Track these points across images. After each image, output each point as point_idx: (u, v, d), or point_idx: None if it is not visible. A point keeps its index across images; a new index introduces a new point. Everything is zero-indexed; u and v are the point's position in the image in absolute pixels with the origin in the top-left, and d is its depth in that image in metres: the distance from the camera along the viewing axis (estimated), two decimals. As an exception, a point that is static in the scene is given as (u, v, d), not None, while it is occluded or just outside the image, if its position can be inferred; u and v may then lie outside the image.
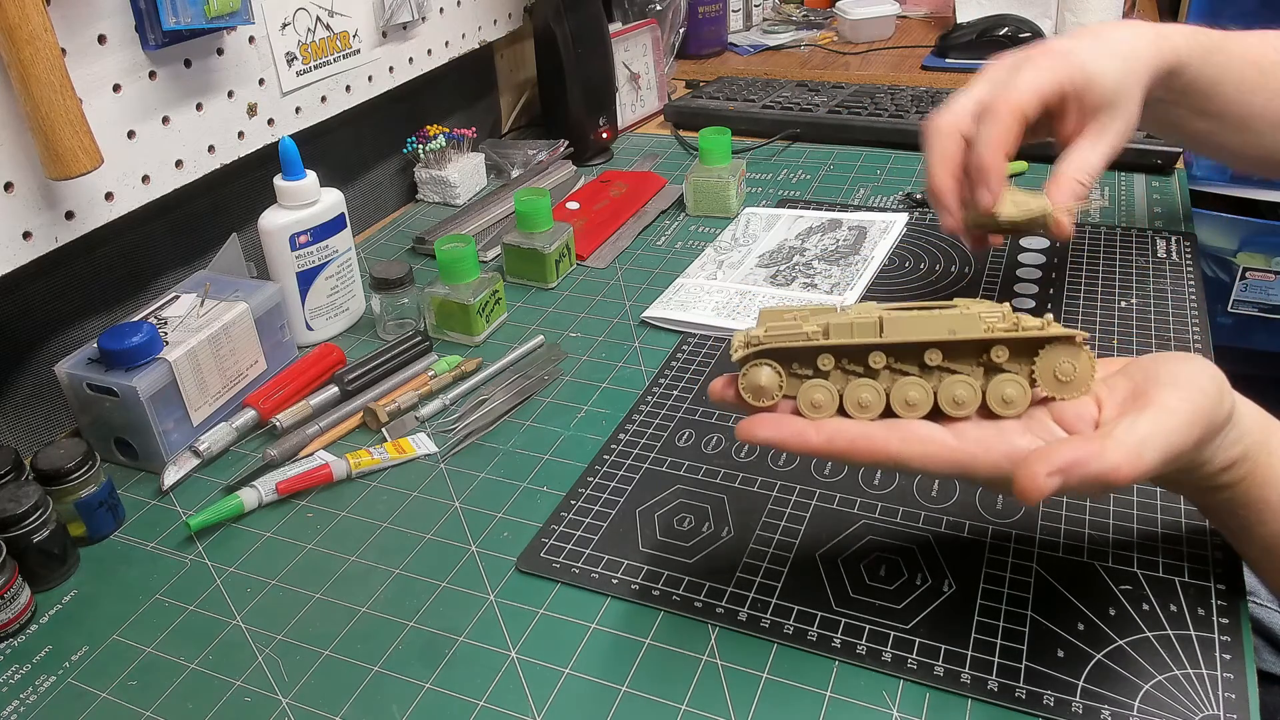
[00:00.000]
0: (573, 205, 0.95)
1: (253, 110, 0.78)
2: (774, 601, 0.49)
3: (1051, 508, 0.54)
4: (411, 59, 0.97)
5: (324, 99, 0.86)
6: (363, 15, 0.89)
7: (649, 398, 0.67)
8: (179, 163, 0.72)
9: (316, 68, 0.84)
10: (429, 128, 1.00)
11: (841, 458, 0.40)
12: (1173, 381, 0.39)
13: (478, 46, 1.07)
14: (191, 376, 0.63)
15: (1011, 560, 0.51)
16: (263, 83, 0.79)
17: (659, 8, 1.24)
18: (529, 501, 0.59)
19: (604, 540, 0.55)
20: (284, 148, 0.72)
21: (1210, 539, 0.51)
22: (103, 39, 0.64)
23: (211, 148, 0.75)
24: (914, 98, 1.13)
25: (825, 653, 0.46)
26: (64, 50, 0.61)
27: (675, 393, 0.67)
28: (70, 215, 0.64)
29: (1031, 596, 0.48)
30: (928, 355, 0.42)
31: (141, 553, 0.57)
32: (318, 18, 0.83)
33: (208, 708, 0.47)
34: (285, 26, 0.80)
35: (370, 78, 0.91)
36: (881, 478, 0.57)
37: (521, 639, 0.49)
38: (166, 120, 0.71)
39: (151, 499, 0.61)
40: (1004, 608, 0.48)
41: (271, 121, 0.81)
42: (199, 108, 0.73)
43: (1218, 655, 0.44)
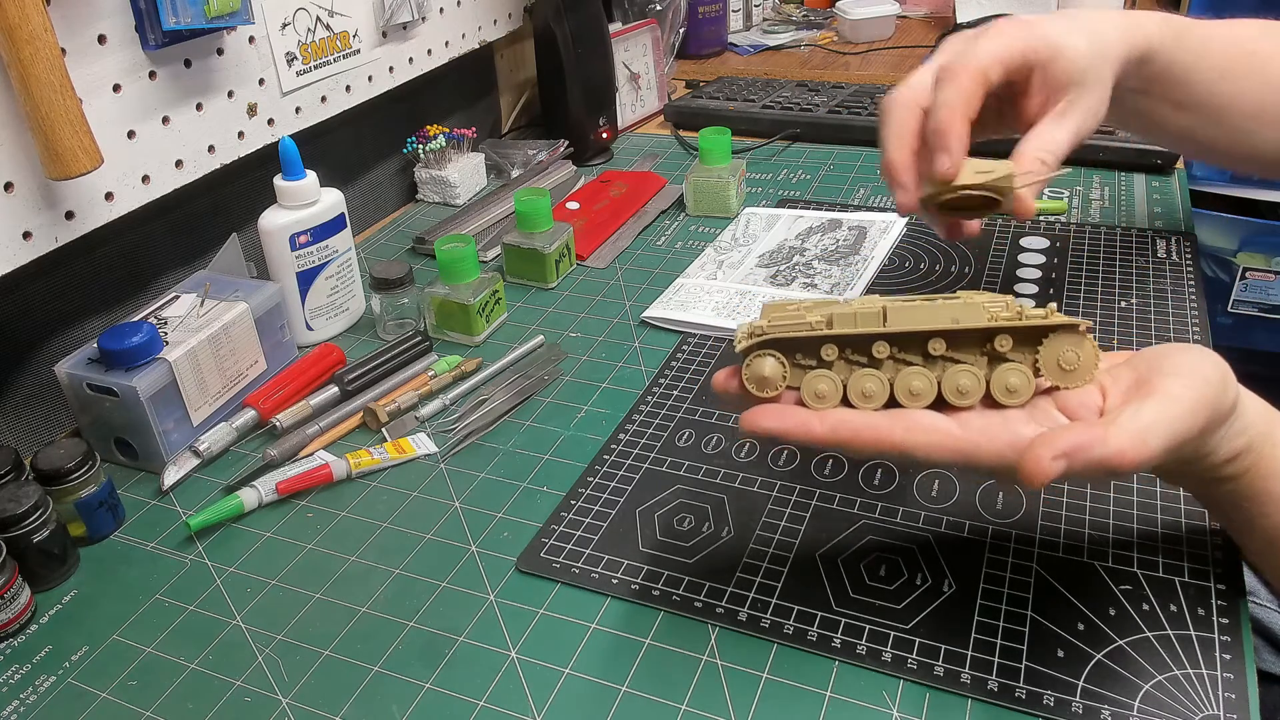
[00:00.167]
0: (573, 205, 0.95)
1: (253, 110, 0.78)
2: (774, 601, 0.49)
3: (1051, 508, 0.54)
4: (411, 59, 0.97)
5: (324, 99, 0.86)
6: (363, 15, 0.89)
7: (649, 398, 0.67)
8: (179, 163, 0.72)
9: (316, 68, 0.84)
10: (429, 128, 1.00)
11: (845, 447, 0.40)
12: (1177, 370, 0.39)
13: (478, 46, 1.07)
14: (191, 376, 0.63)
15: (1011, 560, 0.51)
16: (263, 83, 0.79)
17: (659, 8, 1.24)
18: (529, 501, 0.59)
19: (604, 540, 0.55)
20: (284, 148, 0.72)
21: (1210, 539, 0.51)
22: (103, 39, 0.64)
23: (211, 148, 0.75)
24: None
25: (825, 653, 0.46)
26: (64, 50, 0.61)
27: (675, 393, 0.67)
28: (70, 215, 0.64)
29: (1031, 596, 0.48)
30: (931, 345, 0.42)
31: (141, 553, 0.57)
32: (318, 18, 0.83)
33: (208, 708, 0.47)
34: (285, 26, 0.80)
35: (370, 78, 0.91)
36: (881, 477, 0.57)
37: (521, 639, 0.49)
38: (166, 120, 0.71)
39: (151, 499, 0.61)
40: (1004, 608, 0.48)
41: (271, 121, 0.81)
42: (199, 108, 0.73)
43: (1218, 655, 0.44)
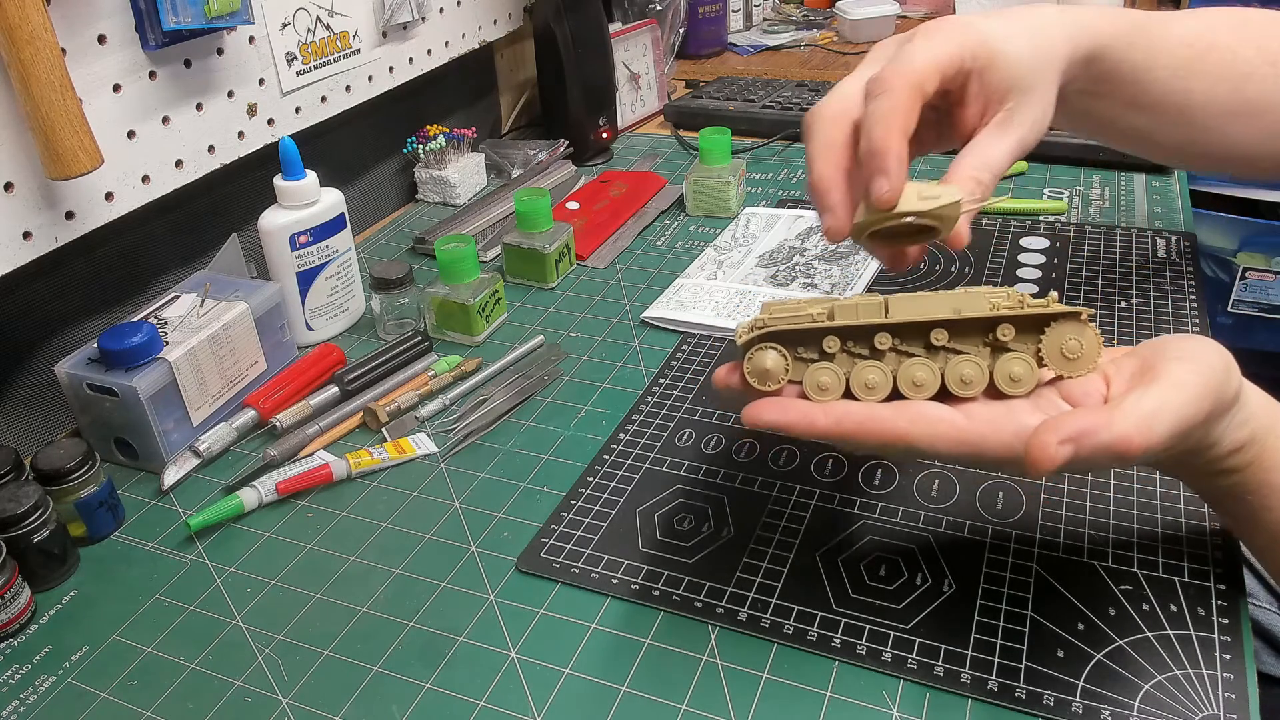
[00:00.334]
0: (573, 205, 0.95)
1: (253, 110, 0.78)
2: (774, 601, 0.49)
3: (1051, 508, 0.54)
4: (411, 59, 0.97)
5: (324, 99, 0.86)
6: (363, 15, 0.89)
7: (649, 398, 0.67)
8: (179, 163, 0.72)
9: (316, 68, 0.84)
10: (429, 128, 1.00)
11: (849, 440, 0.40)
12: (1180, 356, 0.39)
13: (478, 46, 1.07)
14: (191, 376, 0.63)
15: (1011, 560, 0.51)
16: (263, 83, 0.79)
17: (659, 8, 1.24)
18: (529, 501, 0.59)
19: (604, 540, 0.55)
20: (284, 148, 0.72)
21: (1210, 539, 0.51)
22: (103, 39, 0.64)
23: (211, 148, 0.75)
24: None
25: (825, 653, 0.46)
26: (64, 50, 0.61)
27: (675, 393, 0.67)
28: (70, 215, 0.64)
29: (1031, 596, 0.48)
30: (933, 335, 0.41)
31: (141, 553, 0.57)
32: (318, 18, 0.83)
33: (208, 708, 0.47)
34: (285, 26, 0.80)
35: (370, 78, 0.91)
36: (881, 477, 0.57)
37: (521, 639, 0.49)
38: (166, 120, 0.71)
39: (151, 499, 0.61)
40: (1004, 608, 0.48)
41: (271, 121, 0.81)
42: (199, 108, 0.73)
43: (1218, 655, 0.44)
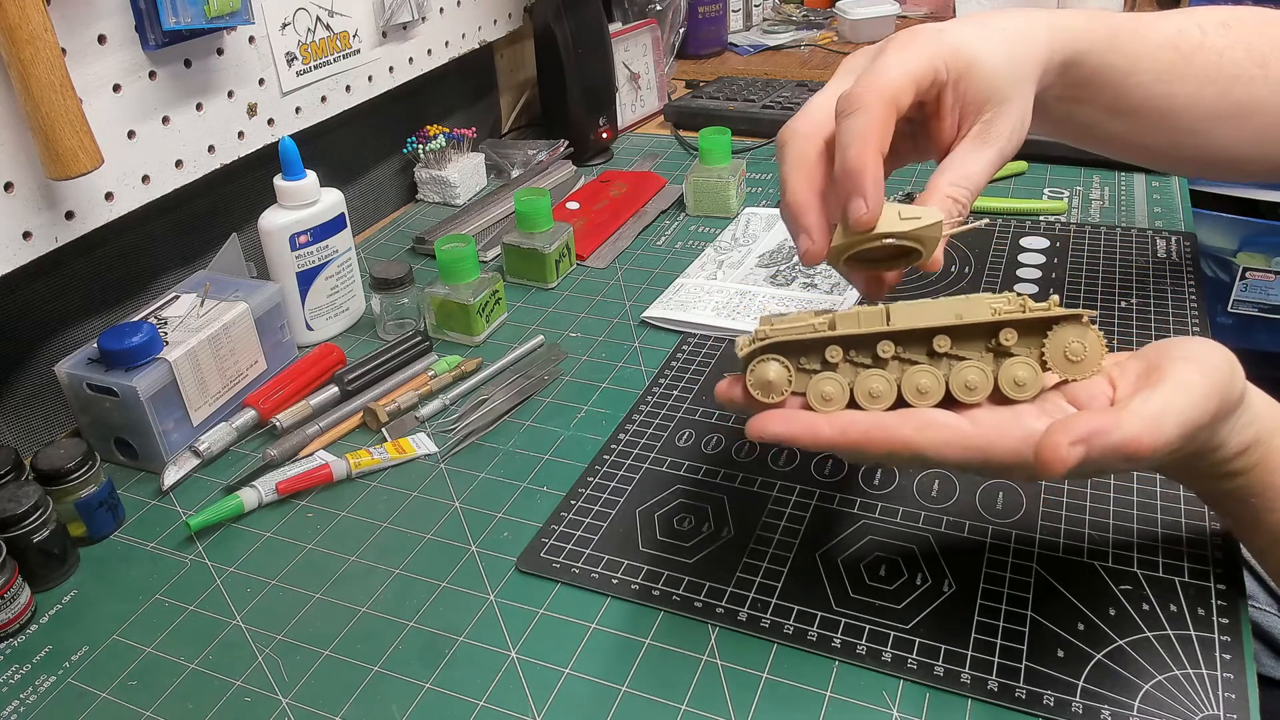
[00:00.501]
0: (573, 205, 0.95)
1: (253, 110, 0.78)
2: (774, 601, 0.49)
3: (1051, 508, 0.54)
4: (411, 59, 0.97)
5: (324, 99, 0.86)
6: (363, 15, 0.89)
7: (649, 398, 0.67)
8: (179, 163, 0.72)
9: (316, 68, 0.84)
10: (429, 128, 1.00)
11: (856, 449, 0.39)
12: (1185, 357, 0.39)
13: (478, 46, 1.07)
14: (191, 376, 0.63)
15: (1011, 560, 0.51)
16: (263, 83, 0.79)
17: (659, 8, 1.24)
18: (529, 501, 0.59)
19: (604, 540, 0.55)
20: (284, 148, 0.72)
21: (1210, 539, 0.51)
22: (103, 39, 0.64)
23: (211, 148, 0.75)
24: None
25: (825, 653, 0.46)
26: (64, 50, 0.61)
27: (675, 393, 0.67)
28: (70, 215, 0.64)
29: (1031, 596, 0.48)
30: (936, 342, 0.41)
31: (141, 553, 0.57)
32: (318, 18, 0.83)
33: (208, 708, 0.47)
34: (285, 26, 0.80)
35: (370, 78, 0.91)
36: (881, 477, 0.57)
37: (521, 639, 0.49)
38: (166, 120, 0.71)
39: (151, 499, 0.61)
40: (1004, 608, 0.48)
41: (271, 121, 0.81)
42: (199, 108, 0.73)
43: (1218, 655, 0.44)
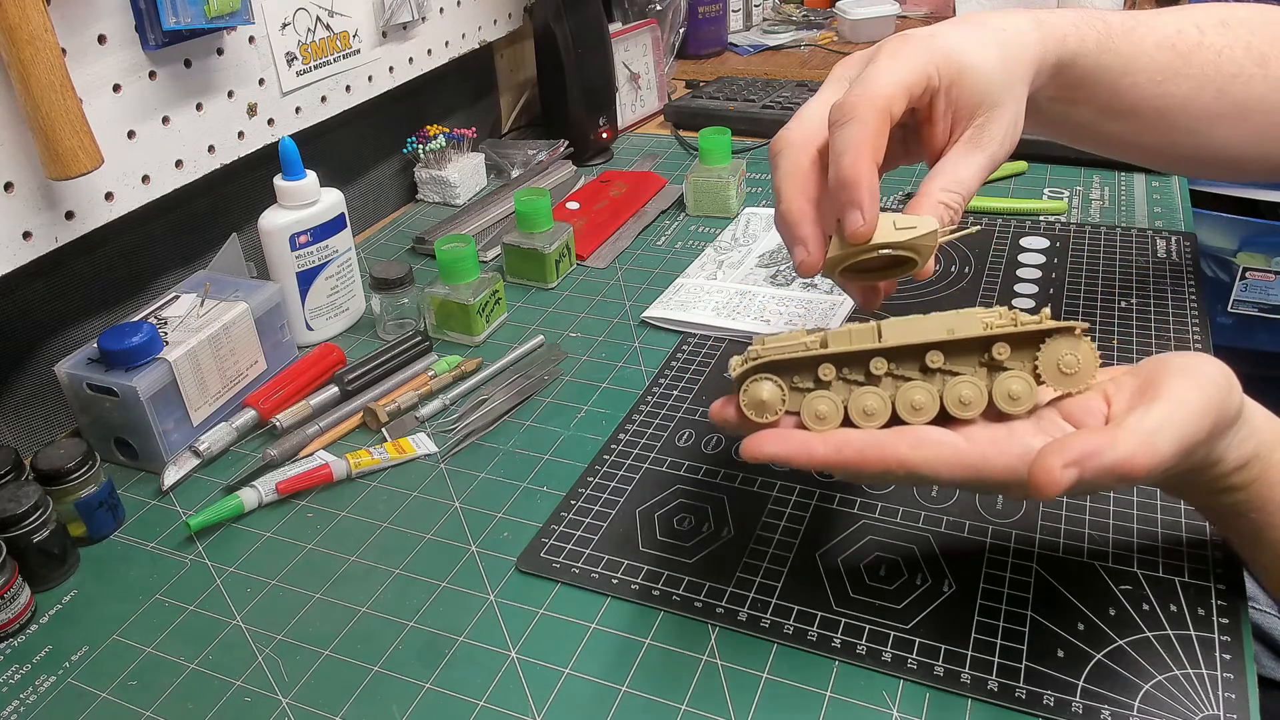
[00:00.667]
0: (573, 205, 0.95)
1: (253, 110, 0.78)
2: (774, 601, 0.49)
3: (1051, 508, 0.54)
4: (411, 59, 0.97)
5: (324, 99, 0.86)
6: (363, 15, 0.89)
7: (649, 398, 0.67)
8: (179, 163, 0.72)
9: (316, 68, 0.84)
10: (429, 128, 1.00)
11: (851, 468, 0.39)
12: (1181, 372, 0.39)
13: (478, 46, 1.07)
14: (191, 376, 0.63)
15: (1011, 560, 0.50)
16: (263, 83, 0.79)
17: (659, 8, 1.24)
18: (529, 501, 0.59)
19: (604, 540, 0.55)
20: (284, 148, 0.72)
21: (1210, 539, 0.51)
22: (103, 39, 0.64)
23: (211, 148, 0.75)
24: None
25: (825, 653, 0.46)
26: (64, 50, 0.61)
27: (675, 393, 0.67)
28: (70, 215, 0.64)
29: (1031, 596, 0.48)
30: (929, 358, 0.41)
31: (141, 553, 0.57)
32: (318, 18, 0.83)
33: (208, 708, 0.47)
34: (285, 26, 0.80)
35: (370, 78, 0.91)
36: (881, 478, 0.57)
37: (521, 639, 0.49)
38: (166, 120, 0.71)
39: (151, 499, 0.61)
40: (1004, 608, 0.48)
41: (271, 121, 0.81)
42: (199, 108, 0.73)
43: (1218, 655, 0.44)
